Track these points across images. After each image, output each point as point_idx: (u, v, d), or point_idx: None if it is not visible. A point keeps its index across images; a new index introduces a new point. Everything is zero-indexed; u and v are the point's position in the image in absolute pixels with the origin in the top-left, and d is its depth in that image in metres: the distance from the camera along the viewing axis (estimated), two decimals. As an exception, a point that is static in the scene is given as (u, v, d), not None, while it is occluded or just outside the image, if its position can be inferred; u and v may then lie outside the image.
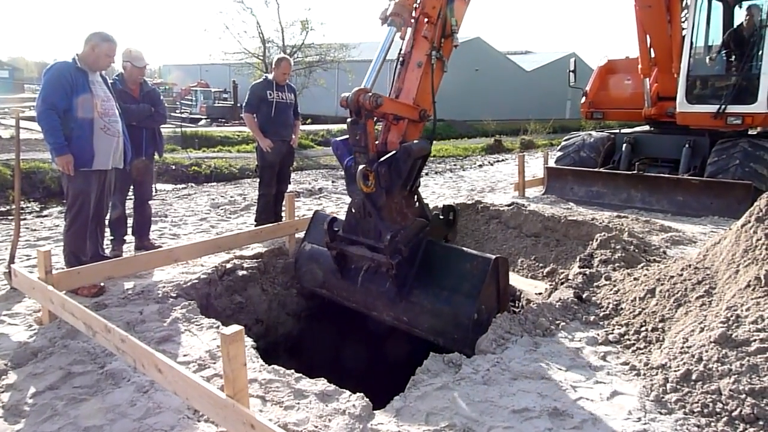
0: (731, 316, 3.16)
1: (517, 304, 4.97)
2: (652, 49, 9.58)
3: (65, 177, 4.62)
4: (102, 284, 4.60)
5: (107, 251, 5.39)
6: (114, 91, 5.08)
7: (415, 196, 4.32)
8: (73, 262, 4.64)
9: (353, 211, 4.20)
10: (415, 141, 4.15)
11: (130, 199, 5.96)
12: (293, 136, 6.91)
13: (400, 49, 4.48)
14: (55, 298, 3.69)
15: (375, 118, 4.00)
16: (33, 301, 4.27)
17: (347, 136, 4.15)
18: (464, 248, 4.33)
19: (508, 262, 4.09)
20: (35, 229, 6.99)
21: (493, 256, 3.89)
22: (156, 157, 6.05)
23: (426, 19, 4.38)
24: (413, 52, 4.40)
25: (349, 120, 3.96)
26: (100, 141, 4.68)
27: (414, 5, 4.30)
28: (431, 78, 4.33)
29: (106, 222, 5.30)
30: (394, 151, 4.04)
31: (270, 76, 6.73)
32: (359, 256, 4.30)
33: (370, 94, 3.78)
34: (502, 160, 18.65)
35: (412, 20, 4.36)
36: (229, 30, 24.75)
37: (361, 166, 3.88)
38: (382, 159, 3.97)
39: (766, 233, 3.61)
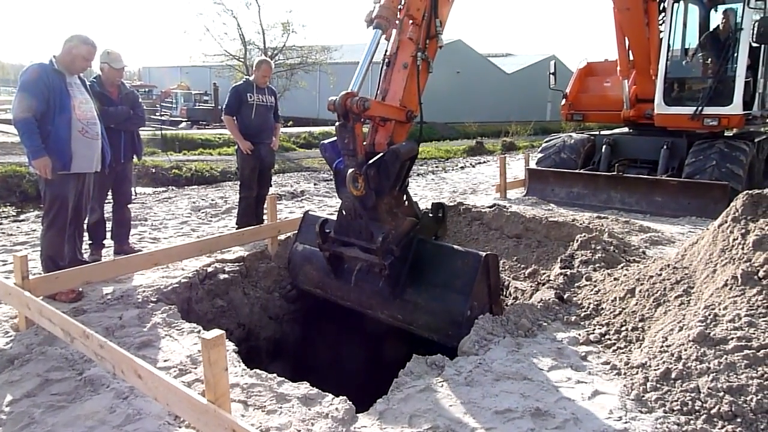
0: (709, 314, 3.20)
1: (505, 293, 5.02)
2: (630, 52, 9.71)
3: (42, 180, 4.55)
4: (80, 289, 4.53)
5: (85, 255, 5.32)
6: (92, 93, 5.02)
7: (405, 196, 4.37)
8: (50, 267, 4.57)
9: (344, 212, 4.23)
10: (403, 143, 4.20)
11: (109, 202, 5.87)
12: (274, 139, 6.87)
13: (386, 51, 4.51)
14: (31, 304, 3.63)
15: (363, 121, 4.02)
16: (9, 307, 4.19)
17: (335, 139, 4.16)
18: (454, 246, 4.39)
19: (497, 258, 4.16)
20: (12, 234, 6.86)
21: (484, 253, 3.96)
22: (135, 160, 5.97)
23: (411, 21, 4.40)
24: (398, 53, 4.43)
25: (337, 123, 3.97)
26: (78, 144, 4.62)
27: (399, 7, 4.32)
28: (417, 79, 4.37)
29: (84, 226, 5.23)
30: (382, 153, 4.07)
31: (251, 78, 6.69)
32: (352, 257, 4.35)
33: (357, 97, 3.79)
34: (484, 162, 18.74)
35: (397, 22, 4.37)
36: (210, 32, 24.55)
37: (350, 170, 3.90)
38: (371, 161, 4.00)
39: (742, 233, 3.68)
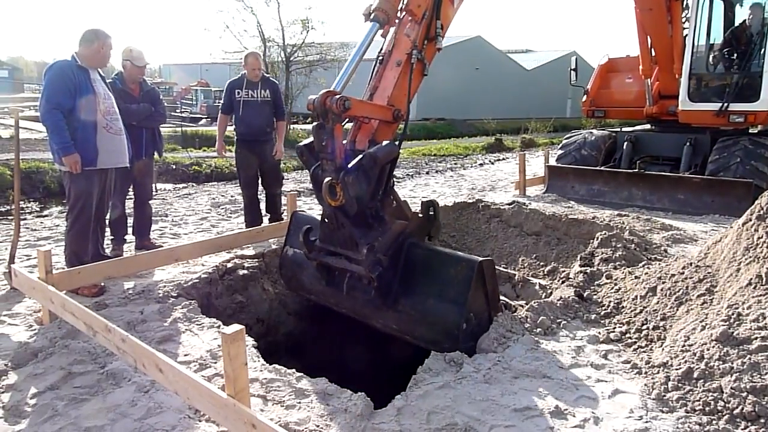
0: (732, 314, 3.15)
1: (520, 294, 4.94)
2: (652, 50, 9.57)
3: (67, 176, 4.61)
4: (102, 284, 4.60)
5: (107, 251, 5.40)
6: (114, 90, 5.09)
7: (392, 196, 4.02)
8: (74, 262, 4.64)
9: (326, 221, 3.95)
10: (382, 145, 3.79)
11: (130, 198, 5.96)
12: (276, 143, 6.55)
13: (380, 49, 4.32)
14: (55, 298, 3.69)
15: (344, 122, 3.73)
16: (33, 301, 4.27)
17: (311, 140, 3.86)
18: (447, 251, 4.14)
19: (493, 263, 3.88)
20: (35, 229, 6.99)
21: (479, 259, 3.68)
22: (156, 156, 6.05)
23: (410, 18, 4.22)
24: (393, 50, 4.23)
25: (314, 124, 3.68)
26: (103, 139, 4.69)
27: (400, 6, 4.15)
28: (409, 78, 4.15)
29: (107, 222, 5.30)
30: (359, 158, 3.70)
31: (246, 73, 6.45)
32: (340, 268, 4.06)
33: (338, 96, 3.53)
34: (503, 159, 18.63)
35: (397, 20, 4.21)
36: (230, 29, 24.71)
37: (326, 179, 3.61)
38: (348, 168, 3.64)
39: (767, 231, 3.61)
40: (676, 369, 2.98)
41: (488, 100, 35.92)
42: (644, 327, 3.64)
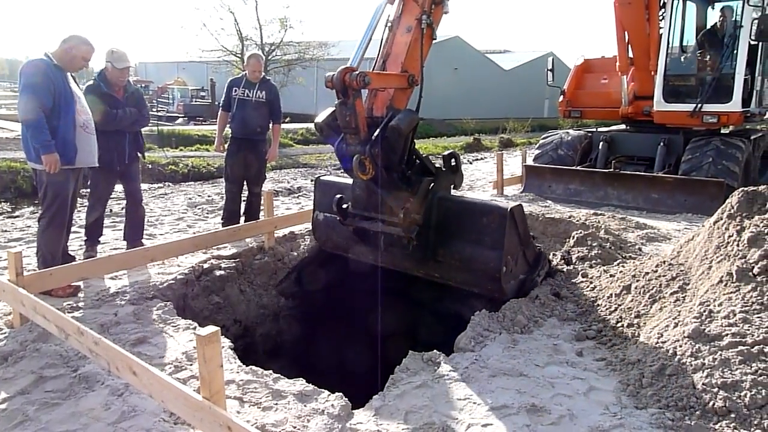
0: (704, 311, 3.21)
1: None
2: (630, 47, 9.70)
3: (44, 176, 4.53)
4: (77, 283, 4.53)
5: (80, 252, 5.31)
6: (99, 94, 5.13)
7: (414, 156, 4.23)
8: (49, 262, 4.57)
9: (357, 190, 4.17)
10: (401, 115, 3.97)
11: (113, 198, 5.83)
12: (270, 146, 6.67)
13: (389, 16, 4.39)
14: (26, 301, 3.61)
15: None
16: (3, 303, 4.17)
17: (328, 114, 4.05)
18: (476, 200, 4.43)
19: (522, 207, 4.15)
20: (6, 230, 6.84)
21: (509, 206, 3.97)
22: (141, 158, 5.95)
23: None
24: (402, 16, 4.33)
25: (336, 102, 3.82)
26: (81, 139, 4.68)
27: None
28: (420, 43, 4.26)
29: (83, 223, 5.24)
30: (383, 126, 3.89)
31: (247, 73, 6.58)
32: (376, 231, 4.28)
33: (357, 72, 3.65)
34: (481, 159, 18.74)
35: None
36: (207, 27, 24.47)
37: (355, 156, 3.80)
38: (373, 139, 3.84)
39: (737, 230, 3.68)
40: (650, 366, 3.02)
41: (467, 100, 36.05)
42: (619, 324, 3.68)
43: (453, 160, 4.40)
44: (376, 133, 3.85)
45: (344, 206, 4.29)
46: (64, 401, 3.03)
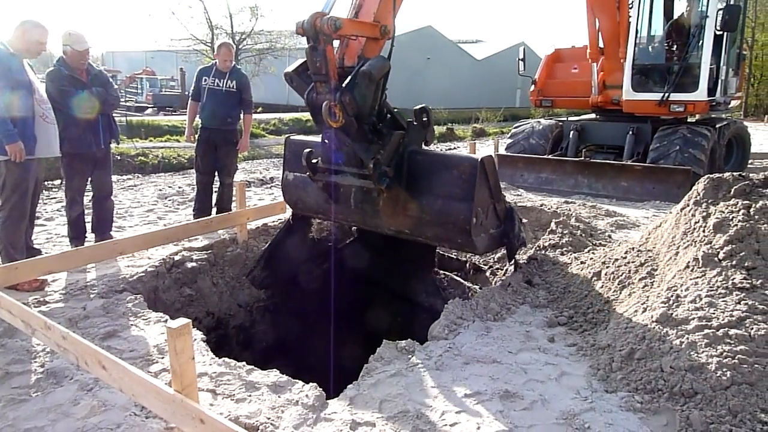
0: (671, 296, 3.28)
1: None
2: (600, 34, 9.81)
3: (3, 166, 4.42)
4: (44, 277, 4.42)
5: (48, 246, 5.18)
6: (61, 77, 4.99)
7: (385, 109, 4.17)
8: (12, 255, 4.46)
9: (327, 142, 4.10)
10: (374, 60, 3.89)
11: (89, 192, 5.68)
12: (240, 137, 6.63)
13: None
14: (-10, 296, 3.51)
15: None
16: (-34, 299, 4.05)
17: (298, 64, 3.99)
18: (447, 153, 4.35)
19: (492, 158, 4.10)
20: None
21: (479, 157, 3.92)
22: (114, 146, 5.80)
23: None
24: None
25: (307, 47, 3.73)
26: (40, 128, 4.58)
27: None
28: None
29: (49, 216, 5.10)
30: (352, 75, 3.82)
31: (217, 62, 6.50)
32: (347, 185, 4.24)
33: (328, 17, 3.59)
34: (454, 148, 18.84)
35: None
36: (176, 15, 24.05)
37: (324, 102, 3.74)
38: (344, 85, 3.77)
39: (703, 216, 3.76)
40: (620, 350, 3.08)
41: (439, 89, 36.09)
42: (589, 310, 3.74)
43: (424, 114, 4.30)
44: (347, 81, 3.78)
45: (314, 161, 4.24)
46: (31, 397, 2.96)
